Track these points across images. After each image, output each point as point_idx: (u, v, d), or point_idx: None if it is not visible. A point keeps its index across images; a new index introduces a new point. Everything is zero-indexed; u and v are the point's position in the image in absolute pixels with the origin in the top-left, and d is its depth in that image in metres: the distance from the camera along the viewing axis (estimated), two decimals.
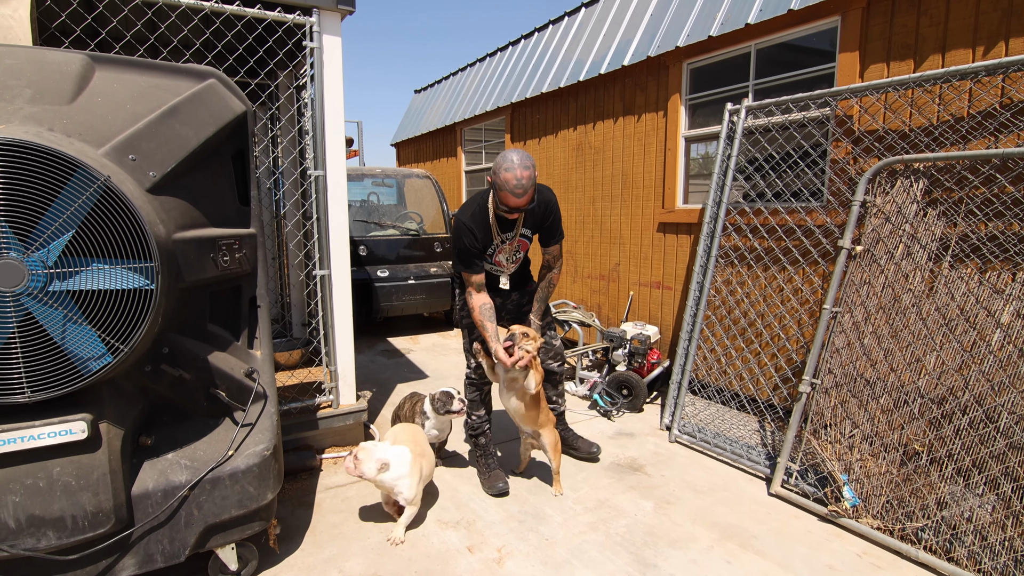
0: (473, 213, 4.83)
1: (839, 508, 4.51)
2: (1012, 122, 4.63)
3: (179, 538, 3.45)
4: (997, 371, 4.13)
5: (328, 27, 5.36)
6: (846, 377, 4.88)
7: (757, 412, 6.59)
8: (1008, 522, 3.83)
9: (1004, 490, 3.92)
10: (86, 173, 2.78)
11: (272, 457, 3.75)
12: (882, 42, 5.47)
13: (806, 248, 5.95)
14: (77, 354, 2.90)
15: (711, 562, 4.12)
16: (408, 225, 11.86)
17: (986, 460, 4.04)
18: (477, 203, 4.87)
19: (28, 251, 2.73)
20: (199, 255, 3.48)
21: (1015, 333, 4.12)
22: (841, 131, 5.75)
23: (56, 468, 3.01)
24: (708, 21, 7.06)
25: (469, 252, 4.82)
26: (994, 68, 4.49)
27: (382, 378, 8.59)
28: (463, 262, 4.87)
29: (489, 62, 13.27)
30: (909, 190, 4.89)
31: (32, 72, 3.18)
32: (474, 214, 4.83)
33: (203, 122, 3.63)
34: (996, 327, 4.22)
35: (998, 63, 4.44)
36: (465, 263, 4.85)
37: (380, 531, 4.49)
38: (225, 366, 3.72)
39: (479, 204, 4.87)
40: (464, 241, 4.79)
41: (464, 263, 4.86)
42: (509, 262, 5.12)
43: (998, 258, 4.55)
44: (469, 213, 4.83)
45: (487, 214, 4.84)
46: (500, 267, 5.13)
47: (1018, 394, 3.99)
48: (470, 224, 4.78)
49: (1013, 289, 4.21)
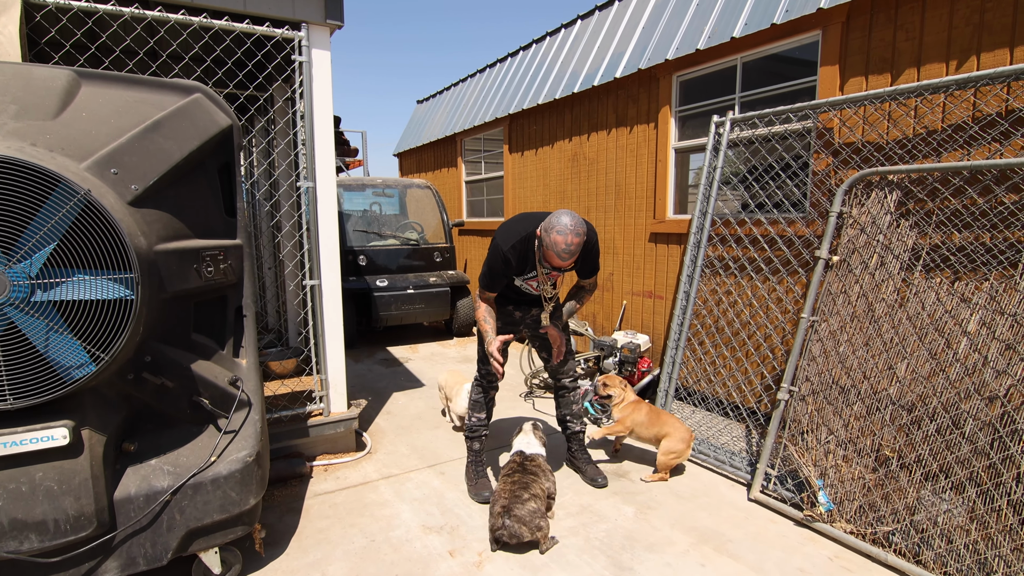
0: (515, 245, 4.72)
1: (814, 513, 4.58)
2: (981, 135, 4.72)
3: (161, 542, 3.52)
4: (963, 378, 4.20)
5: (317, 41, 5.45)
6: (822, 384, 4.95)
7: (741, 419, 6.66)
8: (972, 525, 3.90)
9: (969, 494, 3.99)
10: (67, 187, 2.87)
11: (255, 463, 3.82)
12: (861, 56, 5.56)
13: (787, 258, 6.03)
14: (59, 362, 2.99)
15: (686, 565, 4.19)
16: (408, 235, 11.94)
17: (952, 465, 4.11)
18: (521, 236, 4.74)
19: (10, 262, 2.82)
20: (182, 266, 3.56)
21: (980, 341, 4.20)
22: (821, 143, 5.84)
23: (39, 473, 3.10)
24: (696, 35, 7.16)
25: (496, 275, 4.80)
26: (964, 82, 4.57)
27: (378, 387, 8.65)
28: (488, 279, 4.84)
29: (488, 73, 13.37)
30: (883, 201, 4.97)
31: (18, 88, 3.28)
32: (515, 246, 4.73)
33: (187, 136, 3.71)
34: (963, 335, 4.30)
35: (968, 77, 4.52)
36: (488, 282, 4.85)
37: (365, 536, 4.56)
38: (209, 374, 3.79)
39: (523, 238, 4.74)
40: (497, 265, 4.76)
41: (487, 281, 4.85)
42: (540, 286, 5.08)
43: (966, 268, 4.63)
44: (511, 243, 4.72)
45: (529, 253, 4.78)
46: (531, 289, 5.12)
47: (982, 400, 4.06)
48: (508, 254, 4.71)
49: (979, 298, 4.29)
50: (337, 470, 5.71)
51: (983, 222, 4.63)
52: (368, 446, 6.28)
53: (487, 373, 5.27)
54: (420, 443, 6.42)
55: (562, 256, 4.39)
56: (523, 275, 4.94)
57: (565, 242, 4.34)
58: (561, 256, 4.39)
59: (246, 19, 5.07)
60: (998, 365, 4.06)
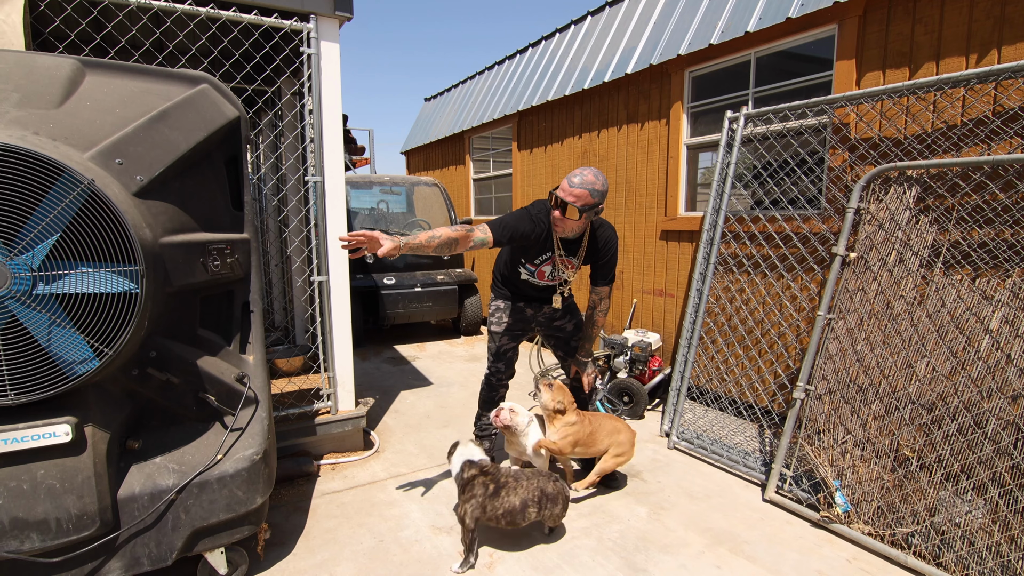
0: (539, 211, 4.72)
1: (831, 514, 4.50)
2: (1003, 129, 4.63)
3: (166, 542, 3.46)
4: (986, 377, 4.12)
5: (326, 33, 5.39)
6: (839, 383, 4.87)
7: (755, 418, 6.59)
8: (995, 527, 3.82)
9: (991, 495, 3.91)
10: (70, 177, 2.82)
11: (262, 461, 3.76)
12: (878, 50, 5.48)
13: (802, 255, 5.95)
14: (62, 357, 2.93)
15: (701, 567, 4.12)
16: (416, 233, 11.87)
17: (974, 465, 4.03)
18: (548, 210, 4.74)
19: (12, 254, 2.76)
20: (187, 259, 3.51)
21: (1003, 339, 4.12)
22: (837, 139, 5.76)
23: (40, 471, 3.04)
24: (709, 29, 7.08)
25: (509, 228, 4.58)
26: (985, 76, 4.49)
27: (386, 385, 8.61)
28: (499, 224, 4.55)
29: (497, 70, 13.31)
30: (902, 197, 4.89)
31: (20, 76, 3.23)
32: (540, 211, 4.72)
33: (194, 127, 3.66)
34: (985, 333, 4.22)
35: (989, 70, 4.44)
36: (497, 226, 4.55)
37: (373, 536, 4.50)
38: (215, 371, 3.74)
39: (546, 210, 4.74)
40: (521, 224, 4.61)
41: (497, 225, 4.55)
42: (550, 277, 5.02)
43: (988, 265, 4.55)
44: (537, 209, 4.73)
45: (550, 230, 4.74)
46: (541, 280, 5.06)
47: (1005, 399, 3.98)
48: (536, 215, 4.68)
49: (1002, 295, 4.20)
50: (345, 469, 5.65)
51: (1005, 218, 4.54)
52: (376, 445, 6.22)
53: (496, 371, 5.23)
54: (429, 442, 6.35)
55: (572, 182, 4.43)
56: (539, 255, 4.87)
57: (579, 173, 4.42)
58: (571, 182, 4.43)
59: (254, 10, 5.01)
60: (1022, 363, 3.98)
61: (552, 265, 4.93)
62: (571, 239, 4.85)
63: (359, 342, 11.00)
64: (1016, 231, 4.50)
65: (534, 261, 4.91)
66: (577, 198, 4.45)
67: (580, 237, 4.88)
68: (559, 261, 4.89)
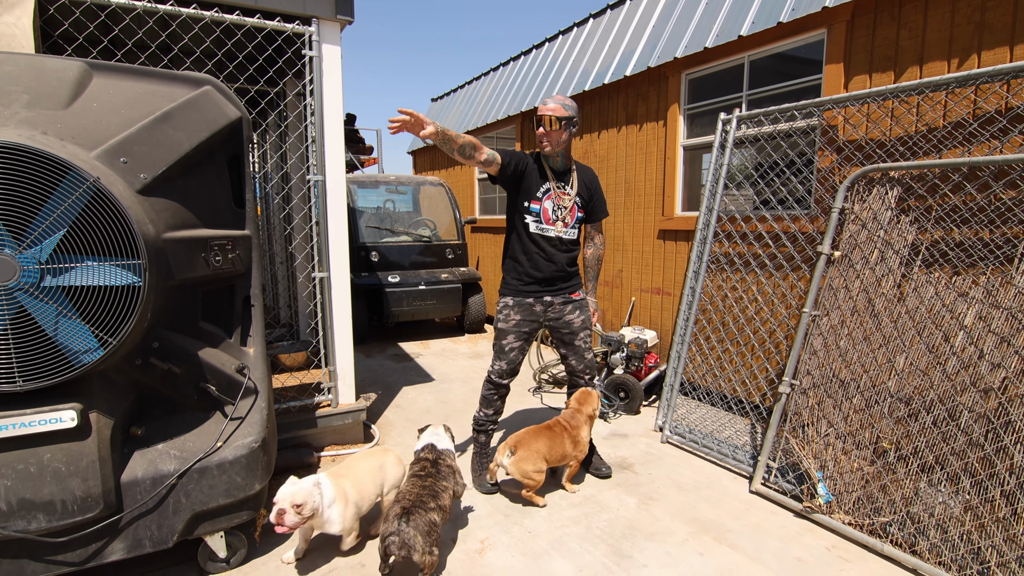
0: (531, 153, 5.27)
1: (813, 504, 4.62)
2: (980, 131, 4.75)
3: (167, 524, 3.60)
4: (960, 371, 4.24)
5: (327, 36, 5.53)
6: (823, 378, 4.99)
7: (745, 413, 6.72)
8: (966, 516, 3.94)
9: (963, 485, 4.03)
10: (77, 175, 2.95)
11: (260, 449, 3.90)
12: (865, 54, 5.59)
13: (791, 254, 6.06)
14: (68, 346, 3.07)
15: (684, 554, 4.24)
16: (421, 232, 12.01)
17: (947, 456, 4.15)
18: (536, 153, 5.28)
19: (21, 248, 2.90)
20: (189, 254, 3.64)
21: (977, 335, 4.24)
22: (825, 140, 5.88)
23: (47, 454, 3.18)
24: (704, 33, 7.20)
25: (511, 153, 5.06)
26: (964, 80, 4.60)
27: (389, 381, 8.73)
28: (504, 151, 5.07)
29: (501, 72, 13.42)
30: (884, 197, 5.00)
31: (30, 78, 3.36)
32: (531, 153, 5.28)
33: (197, 127, 3.79)
34: (960, 329, 4.34)
35: (968, 75, 4.54)
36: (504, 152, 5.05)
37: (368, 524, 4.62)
38: (216, 362, 3.87)
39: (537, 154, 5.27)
40: (516, 152, 5.10)
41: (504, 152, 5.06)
42: (555, 219, 5.15)
43: (964, 263, 4.67)
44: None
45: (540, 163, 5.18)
46: (547, 223, 5.14)
47: (978, 393, 4.10)
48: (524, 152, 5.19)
49: (976, 293, 4.32)
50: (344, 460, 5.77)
51: (981, 218, 4.67)
52: (376, 438, 6.35)
53: (499, 370, 5.32)
54: None
55: (544, 103, 5.00)
56: (539, 188, 5.11)
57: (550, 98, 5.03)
58: (544, 103, 5.01)
59: (257, 14, 5.15)
60: (993, 358, 4.09)
61: (552, 201, 5.11)
62: (560, 169, 5.19)
63: (364, 339, 11.15)
64: (991, 230, 4.62)
65: (536, 195, 5.09)
66: (553, 110, 4.94)
67: (568, 169, 5.23)
68: (556, 193, 5.11)
